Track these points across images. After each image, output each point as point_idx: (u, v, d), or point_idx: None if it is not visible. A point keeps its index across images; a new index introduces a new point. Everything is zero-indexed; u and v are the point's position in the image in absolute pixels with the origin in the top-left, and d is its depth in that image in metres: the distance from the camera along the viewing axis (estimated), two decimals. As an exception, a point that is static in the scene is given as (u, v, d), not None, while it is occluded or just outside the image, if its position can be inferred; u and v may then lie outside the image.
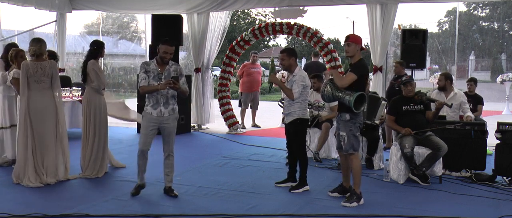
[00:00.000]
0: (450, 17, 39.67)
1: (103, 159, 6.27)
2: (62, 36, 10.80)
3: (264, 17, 43.13)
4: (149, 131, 5.25)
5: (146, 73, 5.17)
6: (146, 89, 5.18)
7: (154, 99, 5.21)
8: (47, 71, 5.72)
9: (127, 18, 23.68)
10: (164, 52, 5.17)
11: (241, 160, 7.48)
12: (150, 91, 5.17)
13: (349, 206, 5.04)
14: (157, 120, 5.22)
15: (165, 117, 5.24)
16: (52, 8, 10.39)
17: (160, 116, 5.23)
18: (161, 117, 5.23)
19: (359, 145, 5.30)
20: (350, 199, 5.13)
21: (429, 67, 27.78)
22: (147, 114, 5.25)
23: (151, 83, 5.16)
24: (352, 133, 5.15)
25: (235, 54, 10.56)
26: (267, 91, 23.65)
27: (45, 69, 5.71)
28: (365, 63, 5.20)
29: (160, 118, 5.23)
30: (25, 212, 4.67)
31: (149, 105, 5.23)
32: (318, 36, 9.88)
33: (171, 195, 5.37)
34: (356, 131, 5.18)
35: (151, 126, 5.24)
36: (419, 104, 6.32)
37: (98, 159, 6.23)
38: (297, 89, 5.52)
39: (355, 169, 5.19)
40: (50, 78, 5.78)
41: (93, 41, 6.37)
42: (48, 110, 5.74)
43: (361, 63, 5.13)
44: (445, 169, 6.39)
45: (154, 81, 5.17)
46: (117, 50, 21.43)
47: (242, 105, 11.09)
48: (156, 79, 5.17)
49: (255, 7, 14.10)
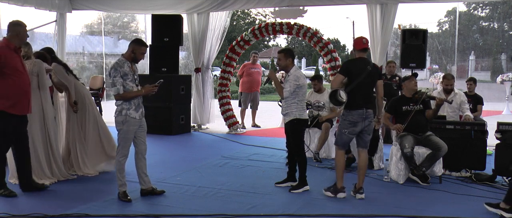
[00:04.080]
0: (450, 17, 39.68)
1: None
2: (62, 36, 10.79)
3: (264, 17, 43.19)
4: (132, 136, 5.14)
5: (123, 77, 4.98)
6: (130, 96, 5.02)
7: (136, 102, 5.11)
8: (32, 70, 5.66)
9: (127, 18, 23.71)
10: (142, 53, 5.14)
11: (241, 160, 7.48)
12: (134, 96, 5.07)
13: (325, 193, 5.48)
14: (137, 122, 5.14)
15: (143, 118, 5.21)
16: (52, 8, 10.39)
17: (140, 118, 5.17)
18: (141, 119, 5.18)
19: (343, 142, 5.44)
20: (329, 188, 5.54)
21: (429, 67, 27.77)
22: (131, 118, 5.04)
23: (128, 86, 5.02)
24: (340, 128, 5.44)
25: (235, 54, 10.56)
26: (266, 92, 23.62)
27: (30, 68, 5.65)
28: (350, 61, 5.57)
29: (140, 120, 5.16)
30: (25, 212, 4.67)
31: (131, 109, 5.04)
32: (318, 36, 9.87)
33: (159, 192, 5.38)
34: (345, 127, 5.35)
35: (134, 130, 5.12)
36: (419, 104, 6.32)
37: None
38: (288, 88, 5.54)
39: (336, 163, 5.51)
40: (37, 77, 5.73)
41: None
42: (34, 110, 5.65)
43: (345, 63, 5.69)
44: (445, 169, 6.39)
45: (132, 83, 5.06)
46: (117, 50, 21.44)
47: (242, 105, 11.09)
48: (133, 81, 5.09)
49: (255, 7, 14.09)
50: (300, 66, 41.38)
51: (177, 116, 9.96)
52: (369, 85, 5.43)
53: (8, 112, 5.14)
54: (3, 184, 5.33)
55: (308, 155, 6.47)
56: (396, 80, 8.56)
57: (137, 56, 5.11)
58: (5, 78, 5.06)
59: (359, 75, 5.28)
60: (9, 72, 5.07)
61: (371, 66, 5.43)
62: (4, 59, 5.02)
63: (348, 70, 5.37)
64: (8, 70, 5.06)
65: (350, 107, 5.31)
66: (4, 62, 5.02)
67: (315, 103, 7.48)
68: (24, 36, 5.26)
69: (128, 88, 5.02)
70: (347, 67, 5.44)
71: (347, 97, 5.21)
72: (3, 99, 5.10)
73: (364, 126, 5.35)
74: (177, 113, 9.96)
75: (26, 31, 5.31)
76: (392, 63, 8.85)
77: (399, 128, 6.21)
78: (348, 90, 5.24)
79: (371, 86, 5.49)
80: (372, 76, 5.38)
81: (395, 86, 8.43)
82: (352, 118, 5.31)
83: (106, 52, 17.08)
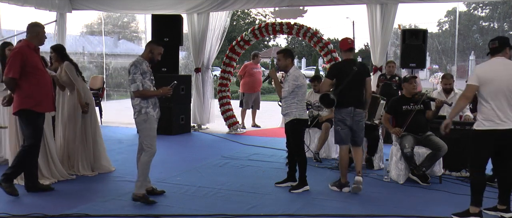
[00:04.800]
0: (450, 17, 39.68)
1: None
2: (62, 36, 10.79)
3: (264, 17, 43.15)
4: (155, 133, 5.18)
5: (142, 75, 5.06)
6: (148, 94, 5.08)
7: (153, 101, 5.16)
8: None
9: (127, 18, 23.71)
10: (159, 53, 5.18)
11: (241, 160, 7.48)
12: (152, 96, 5.13)
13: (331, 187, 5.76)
14: (156, 121, 5.20)
15: (158, 118, 5.25)
16: (52, 8, 10.39)
17: (157, 117, 5.22)
18: (157, 119, 5.22)
19: (340, 138, 5.69)
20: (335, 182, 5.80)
21: (429, 67, 27.75)
22: (151, 116, 5.10)
23: (146, 84, 5.08)
24: (335, 127, 5.75)
25: (235, 54, 10.56)
26: (267, 92, 23.63)
27: None
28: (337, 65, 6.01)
29: (157, 119, 5.21)
30: (25, 212, 4.68)
31: (149, 107, 5.11)
32: (318, 36, 9.87)
33: (159, 192, 5.39)
34: (338, 125, 5.67)
35: (155, 127, 5.19)
36: (419, 104, 6.32)
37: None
38: (286, 88, 5.58)
39: (340, 159, 5.80)
40: None
41: None
42: None
43: (331, 66, 6.11)
44: (445, 169, 6.39)
45: (150, 83, 5.13)
46: (117, 50, 21.46)
47: (244, 106, 11.07)
48: (150, 81, 5.14)
49: (255, 7, 14.08)
50: (300, 66, 41.38)
51: (177, 116, 9.97)
52: (358, 84, 5.65)
53: (35, 110, 5.23)
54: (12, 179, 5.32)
55: (308, 155, 6.47)
56: (396, 80, 8.56)
57: (155, 56, 5.16)
58: (27, 77, 5.16)
59: (346, 76, 5.53)
60: (31, 71, 5.17)
61: (357, 66, 5.65)
62: (26, 58, 5.11)
63: (335, 73, 5.67)
64: (30, 69, 5.16)
65: (340, 106, 5.60)
66: (25, 61, 5.11)
67: (315, 104, 7.49)
68: (43, 37, 5.39)
69: (146, 87, 5.07)
70: (333, 71, 5.76)
71: (338, 98, 5.52)
72: (29, 98, 5.19)
73: (353, 123, 5.60)
74: (177, 113, 9.96)
75: (45, 31, 5.44)
76: (392, 63, 8.85)
77: (398, 132, 6.22)
78: (338, 92, 5.53)
79: (360, 85, 5.70)
80: (359, 75, 5.62)
81: (395, 86, 8.42)
82: (340, 116, 5.62)
83: (106, 52, 17.10)
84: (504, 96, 4.51)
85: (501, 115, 4.51)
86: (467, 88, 4.69)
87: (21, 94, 5.20)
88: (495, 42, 4.69)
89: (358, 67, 5.61)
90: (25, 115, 5.23)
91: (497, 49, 4.66)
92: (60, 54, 6.25)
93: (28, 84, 5.17)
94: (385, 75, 8.74)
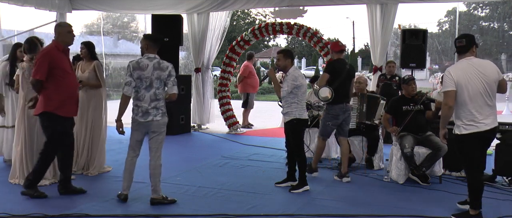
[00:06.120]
0: (450, 17, 39.73)
1: None
2: (62, 36, 10.77)
3: (264, 17, 43.21)
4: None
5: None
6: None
7: None
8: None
9: (127, 18, 23.71)
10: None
11: (241, 160, 7.48)
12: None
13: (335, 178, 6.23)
14: None
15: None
16: (52, 8, 10.38)
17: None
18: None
19: (327, 133, 6.25)
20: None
21: (429, 67, 27.79)
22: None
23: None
24: (324, 121, 6.20)
25: (235, 54, 10.56)
26: (267, 92, 23.62)
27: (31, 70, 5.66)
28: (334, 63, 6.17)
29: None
30: (25, 212, 4.67)
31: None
32: (318, 36, 9.88)
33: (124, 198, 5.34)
34: (328, 120, 6.14)
35: None
36: (419, 104, 6.32)
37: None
38: (285, 88, 5.59)
39: (316, 149, 6.48)
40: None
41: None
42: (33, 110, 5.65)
43: (330, 63, 6.32)
44: (445, 169, 6.39)
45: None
46: (117, 50, 21.44)
47: (248, 106, 11.07)
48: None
49: (255, 7, 14.09)
50: (300, 66, 41.37)
51: (177, 116, 9.95)
52: (348, 82, 6.16)
53: (56, 114, 5.13)
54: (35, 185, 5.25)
55: (308, 155, 6.47)
56: (396, 80, 8.56)
57: None
58: (54, 79, 5.08)
59: (341, 74, 6.00)
60: (58, 73, 5.10)
61: (349, 66, 6.22)
62: (53, 60, 5.06)
63: (333, 70, 6.05)
64: (57, 71, 5.10)
65: (333, 102, 5.97)
66: (53, 62, 5.06)
67: (315, 104, 7.48)
68: (66, 36, 5.28)
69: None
70: (332, 67, 6.12)
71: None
72: (51, 100, 5.10)
73: (344, 118, 6.15)
74: (177, 113, 9.95)
75: (69, 30, 5.34)
76: (392, 63, 8.86)
77: (395, 130, 6.24)
78: (334, 87, 5.90)
79: (350, 83, 6.23)
80: (349, 74, 6.15)
81: (395, 86, 8.43)
82: (334, 111, 6.07)
83: (106, 52, 17.06)
84: (481, 96, 4.49)
85: (479, 116, 4.49)
86: (447, 95, 4.57)
87: (45, 96, 5.11)
88: (462, 40, 4.67)
89: (349, 67, 6.19)
90: (47, 117, 5.13)
91: (464, 48, 4.65)
92: (91, 51, 6.34)
93: (53, 87, 5.09)
94: (385, 75, 8.74)
